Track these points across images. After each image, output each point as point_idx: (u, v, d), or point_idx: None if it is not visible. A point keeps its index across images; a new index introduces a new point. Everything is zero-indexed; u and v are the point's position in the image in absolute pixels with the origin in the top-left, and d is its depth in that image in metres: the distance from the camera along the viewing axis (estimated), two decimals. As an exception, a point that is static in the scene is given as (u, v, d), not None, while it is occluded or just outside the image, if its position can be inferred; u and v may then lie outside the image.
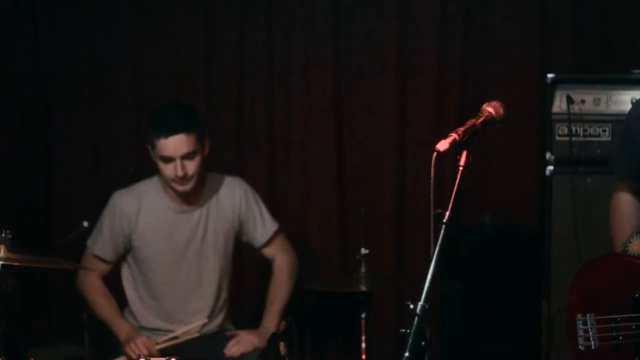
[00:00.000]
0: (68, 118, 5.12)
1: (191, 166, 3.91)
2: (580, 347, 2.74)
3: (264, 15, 4.98)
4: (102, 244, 4.09)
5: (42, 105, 5.11)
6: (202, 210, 4.09)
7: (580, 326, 2.80)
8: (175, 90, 5.06)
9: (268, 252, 4.24)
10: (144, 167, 5.00)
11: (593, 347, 2.75)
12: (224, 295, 4.17)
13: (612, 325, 2.79)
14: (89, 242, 4.13)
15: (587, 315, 2.81)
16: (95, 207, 4.23)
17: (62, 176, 5.11)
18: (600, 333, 2.78)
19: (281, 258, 4.24)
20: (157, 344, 3.93)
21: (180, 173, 3.88)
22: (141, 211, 4.06)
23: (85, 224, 3.95)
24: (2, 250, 3.21)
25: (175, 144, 3.86)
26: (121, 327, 4.03)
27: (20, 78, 5.07)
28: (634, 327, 2.74)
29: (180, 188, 3.96)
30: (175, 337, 3.98)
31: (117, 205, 4.08)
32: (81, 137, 5.10)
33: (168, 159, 3.89)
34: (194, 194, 4.03)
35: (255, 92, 5.02)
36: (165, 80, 5.07)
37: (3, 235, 3.22)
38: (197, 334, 4.02)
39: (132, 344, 3.90)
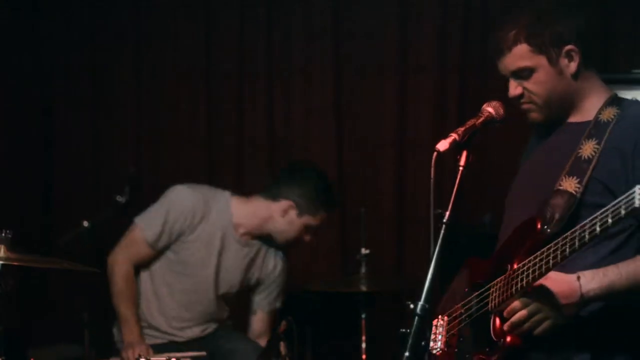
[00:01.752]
0: (68, 118, 5.12)
1: None
2: (433, 351, 2.71)
3: (264, 15, 4.98)
4: (156, 231, 4.00)
5: (42, 105, 5.11)
6: (252, 250, 4.12)
7: (434, 330, 2.73)
8: (176, 91, 5.06)
9: (259, 321, 4.22)
10: (144, 167, 5.02)
11: (439, 348, 2.67)
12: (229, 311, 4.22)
13: (450, 321, 2.73)
14: (139, 224, 4.02)
15: (439, 319, 2.74)
16: (95, 207, 4.22)
17: (62, 176, 5.11)
18: (447, 332, 2.71)
19: (264, 336, 4.17)
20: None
21: (310, 241, 4.14)
22: (204, 219, 4.03)
23: (86, 223, 3.94)
24: (2, 250, 3.20)
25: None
26: (131, 331, 3.98)
27: (20, 78, 5.07)
28: (459, 315, 2.69)
29: (292, 246, 4.16)
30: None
31: (184, 201, 4.02)
32: (81, 137, 5.10)
33: (313, 229, 4.10)
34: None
35: (255, 92, 5.02)
36: (166, 80, 5.07)
37: (3, 235, 3.22)
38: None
39: (130, 351, 3.88)
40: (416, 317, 2.34)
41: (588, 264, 2.45)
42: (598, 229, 2.22)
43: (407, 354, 2.31)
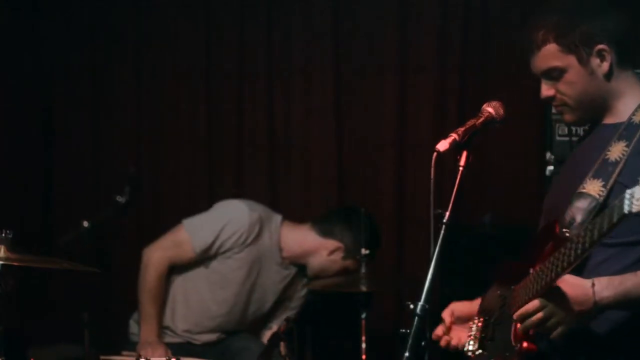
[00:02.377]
0: (68, 118, 5.12)
1: None
2: (468, 353, 2.70)
3: (264, 15, 4.99)
4: (206, 243, 3.98)
5: (42, 105, 5.11)
6: (290, 274, 4.16)
7: (468, 332, 2.73)
8: (176, 91, 5.06)
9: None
10: (144, 167, 5.02)
11: (472, 350, 2.67)
12: None
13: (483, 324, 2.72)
14: (188, 230, 3.98)
15: (476, 321, 2.74)
16: (95, 207, 4.22)
17: (62, 176, 5.11)
18: (479, 334, 2.70)
19: None
20: None
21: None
22: (255, 241, 4.03)
23: (85, 223, 3.94)
24: (2, 250, 3.20)
25: None
26: (151, 330, 3.96)
27: (20, 78, 5.07)
28: (489, 318, 2.69)
29: (320, 278, 4.17)
30: None
31: (242, 220, 3.99)
32: (81, 137, 5.11)
33: (349, 272, 4.14)
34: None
35: (255, 92, 5.02)
36: (166, 80, 5.08)
37: (3, 235, 3.22)
38: None
39: (150, 349, 3.87)
40: (416, 317, 2.34)
41: (613, 271, 2.40)
42: (596, 237, 2.16)
43: (407, 354, 2.32)
